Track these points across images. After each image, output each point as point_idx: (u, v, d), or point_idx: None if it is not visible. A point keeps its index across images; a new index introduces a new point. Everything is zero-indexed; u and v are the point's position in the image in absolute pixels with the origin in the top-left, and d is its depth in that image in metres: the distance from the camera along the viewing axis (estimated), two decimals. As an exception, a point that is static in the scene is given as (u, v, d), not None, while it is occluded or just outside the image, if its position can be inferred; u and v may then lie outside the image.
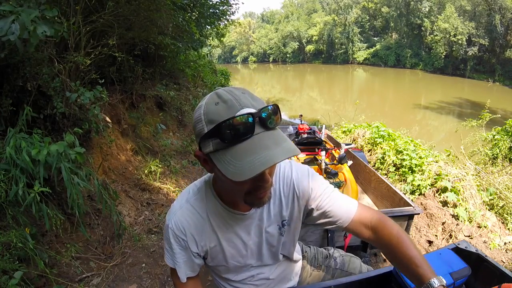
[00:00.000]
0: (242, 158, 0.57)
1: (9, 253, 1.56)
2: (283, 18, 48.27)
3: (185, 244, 0.81)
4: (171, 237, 0.80)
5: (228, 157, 0.58)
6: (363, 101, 15.85)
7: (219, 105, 0.60)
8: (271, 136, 0.60)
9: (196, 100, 5.76)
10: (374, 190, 2.69)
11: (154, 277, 2.20)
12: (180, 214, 0.79)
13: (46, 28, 1.45)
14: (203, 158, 0.67)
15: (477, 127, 4.99)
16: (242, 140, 0.58)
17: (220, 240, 0.82)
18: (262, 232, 0.85)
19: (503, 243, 2.62)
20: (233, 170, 0.57)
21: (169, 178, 3.63)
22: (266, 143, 0.58)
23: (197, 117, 0.63)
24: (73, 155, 1.81)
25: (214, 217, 0.80)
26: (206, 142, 0.62)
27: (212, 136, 0.59)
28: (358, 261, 1.17)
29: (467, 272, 0.97)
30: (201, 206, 0.80)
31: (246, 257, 0.88)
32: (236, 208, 0.80)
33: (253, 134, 0.58)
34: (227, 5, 6.06)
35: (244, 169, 0.56)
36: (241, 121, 0.57)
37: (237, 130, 0.57)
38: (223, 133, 0.57)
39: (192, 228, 0.79)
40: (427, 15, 29.50)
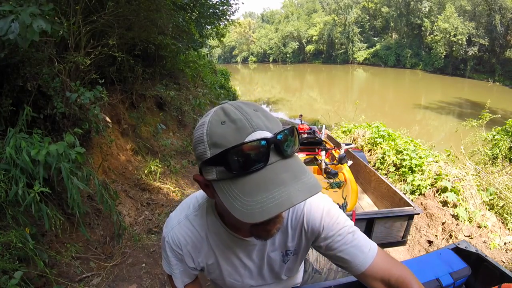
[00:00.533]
0: (252, 195, 0.47)
1: (9, 253, 1.56)
2: (283, 18, 48.26)
3: (181, 257, 0.77)
4: (168, 250, 0.77)
5: (235, 190, 0.48)
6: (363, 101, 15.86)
7: (225, 125, 0.49)
8: (289, 167, 0.49)
9: (196, 100, 5.76)
10: (374, 190, 2.69)
11: (154, 277, 2.20)
12: (177, 230, 0.74)
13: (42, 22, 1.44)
14: (204, 184, 0.57)
15: (477, 127, 4.98)
16: (253, 171, 0.47)
17: (218, 259, 0.77)
18: (264, 256, 0.78)
19: (503, 243, 2.62)
20: (241, 208, 0.47)
21: (169, 178, 3.63)
22: (283, 177, 0.48)
23: (199, 137, 0.53)
24: (73, 155, 1.81)
25: (213, 236, 0.74)
26: (208, 168, 0.52)
27: (216, 163, 0.49)
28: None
29: (467, 272, 0.97)
30: (200, 224, 0.74)
31: (244, 276, 0.82)
32: (238, 233, 0.72)
33: (266, 164, 0.48)
34: (227, 5, 6.06)
35: (254, 210, 0.46)
36: (253, 147, 0.46)
37: (248, 159, 0.46)
38: (230, 161, 0.47)
39: (189, 246, 0.75)
40: (427, 15, 29.50)
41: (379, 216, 1.99)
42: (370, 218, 1.99)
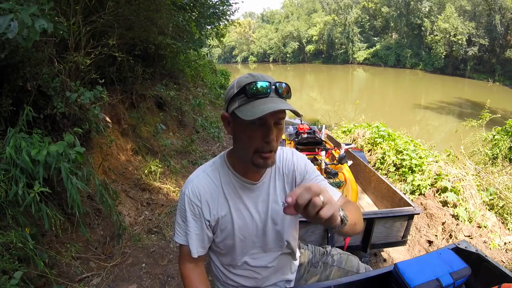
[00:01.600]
0: (258, 106, 0.74)
1: (9, 253, 1.56)
2: (283, 18, 48.28)
3: (199, 211, 0.88)
4: (186, 204, 0.88)
5: (248, 107, 0.76)
6: (363, 101, 15.87)
7: (248, 78, 0.80)
8: (279, 99, 0.77)
9: (196, 100, 5.76)
10: (374, 190, 2.69)
11: (154, 277, 2.20)
12: (196, 181, 0.89)
13: (44, 21, 1.44)
14: (228, 120, 0.84)
15: (477, 127, 4.99)
16: (260, 97, 0.76)
17: (230, 209, 0.90)
18: (268, 208, 0.93)
19: (503, 243, 2.62)
20: (250, 114, 0.73)
21: (169, 178, 3.63)
22: (276, 101, 0.76)
23: (231, 86, 0.82)
24: (73, 155, 1.81)
25: (226, 186, 0.90)
26: (233, 101, 0.79)
27: (239, 94, 0.78)
28: (356, 259, 1.18)
29: (467, 272, 0.97)
30: (215, 176, 0.90)
31: (251, 232, 0.93)
32: (247, 177, 0.90)
33: (268, 95, 0.76)
34: (227, 5, 6.06)
35: (258, 111, 0.73)
36: (262, 84, 0.76)
37: (258, 90, 0.76)
38: (248, 91, 0.76)
39: (207, 195, 0.88)
40: (427, 15, 29.50)
41: (379, 216, 1.99)
42: (370, 218, 1.99)
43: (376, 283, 1.01)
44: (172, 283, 2.18)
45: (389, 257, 2.57)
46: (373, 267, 2.40)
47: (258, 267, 0.99)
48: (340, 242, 1.97)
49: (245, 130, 0.79)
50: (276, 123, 0.79)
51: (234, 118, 0.80)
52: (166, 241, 2.61)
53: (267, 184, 0.94)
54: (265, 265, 0.99)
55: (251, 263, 0.97)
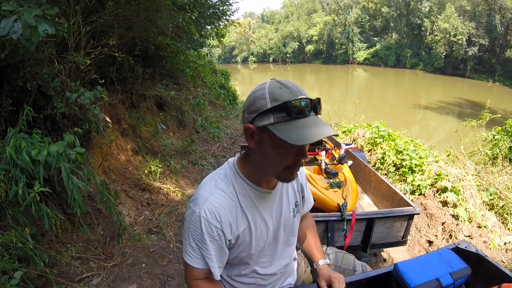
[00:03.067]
0: (303, 129, 0.71)
1: (9, 253, 1.56)
2: (283, 18, 48.27)
3: (218, 233, 0.81)
4: (203, 226, 0.79)
5: (291, 127, 0.71)
6: (363, 101, 15.86)
7: (282, 89, 0.73)
8: (318, 119, 0.76)
9: (196, 100, 5.76)
10: (374, 190, 2.68)
11: (154, 277, 2.20)
12: (213, 200, 0.80)
13: (47, 26, 1.44)
14: (252, 132, 0.77)
15: (477, 127, 4.98)
16: (302, 117, 0.72)
17: (249, 223, 0.86)
18: (281, 215, 0.93)
19: (503, 243, 2.62)
20: (295, 137, 0.69)
21: (169, 178, 3.63)
22: (318, 123, 0.73)
23: (260, 95, 0.74)
24: (73, 155, 1.81)
25: (242, 198, 0.85)
26: (266, 115, 0.73)
27: (277, 111, 0.72)
28: (352, 257, 1.19)
29: (467, 272, 0.97)
30: (230, 190, 0.84)
31: (266, 242, 0.92)
32: (262, 186, 0.87)
33: (309, 114, 0.73)
34: (227, 5, 6.06)
35: (305, 137, 0.69)
36: (303, 103, 0.72)
37: (301, 108, 0.71)
38: (290, 109, 0.71)
39: (227, 213, 0.82)
40: (427, 15, 29.50)
41: (379, 216, 1.99)
42: (370, 218, 1.99)
43: (376, 283, 1.01)
44: (172, 283, 2.18)
45: (389, 257, 2.57)
46: (373, 267, 2.40)
47: (267, 274, 0.98)
48: (340, 242, 1.97)
49: (279, 148, 0.74)
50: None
51: (264, 132, 0.74)
52: (166, 241, 2.61)
53: (280, 192, 0.93)
54: (274, 272, 0.99)
55: (260, 271, 0.97)
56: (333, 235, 1.95)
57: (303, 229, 1.12)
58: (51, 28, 1.46)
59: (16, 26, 1.36)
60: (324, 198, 2.17)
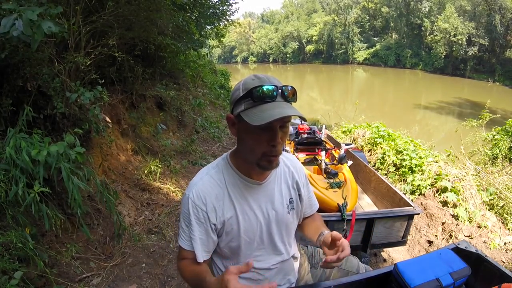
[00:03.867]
0: (265, 111, 0.75)
1: (9, 253, 1.56)
2: (283, 18, 48.26)
3: (203, 215, 0.86)
4: (191, 208, 0.86)
5: (255, 111, 0.76)
6: (363, 101, 15.86)
7: (254, 80, 0.79)
8: (286, 103, 0.79)
9: (196, 100, 5.76)
10: (374, 190, 2.69)
11: (154, 277, 2.20)
12: (201, 184, 0.87)
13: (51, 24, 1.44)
14: (232, 121, 0.84)
15: (477, 127, 4.98)
16: (267, 102, 0.77)
17: (236, 211, 0.89)
18: (274, 209, 0.95)
19: (503, 243, 2.62)
20: (256, 118, 0.74)
21: (169, 178, 3.63)
22: (283, 106, 0.77)
23: (236, 88, 0.82)
24: (73, 155, 1.81)
25: (231, 187, 0.89)
26: (239, 104, 0.80)
27: (245, 97, 0.78)
28: (355, 260, 1.19)
29: (467, 272, 0.97)
30: (220, 178, 0.90)
31: (256, 233, 0.93)
32: (252, 177, 0.90)
33: (275, 100, 0.77)
34: (227, 5, 6.06)
35: (265, 116, 0.73)
36: (268, 88, 0.77)
37: (264, 94, 0.76)
38: (254, 94, 0.76)
39: (213, 197, 0.87)
40: (427, 15, 29.50)
41: (379, 216, 1.99)
42: (370, 218, 1.99)
43: (376, 283, 1.01)
44: (172, 283, 2.18)
45: (389, 257, 2.57)
46: (373, 267, 2.40)
47: (262, 269, 0.98)
48: (340, 242, 1.97)
49: (251, 133, 0.79)
50: (282, 127, 0.80)
51: (240, 120, 0.80)
52: (166, 241, 2.61)
53: (272, 186, 0.95)
54: (269, 267, 0.99)
55: (255, 265, 0.97)
56: (333, 235, 1.95)
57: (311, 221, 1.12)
58: (55, 27, 1.46)
59: (17, 24, 1.36)
60: (324, 198, 2.17)
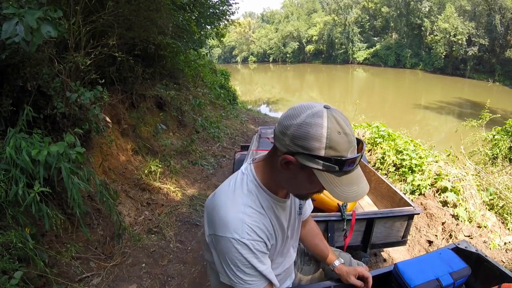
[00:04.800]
0: (348, 186, 0.72)
1: (9, 253, 1.56)
2: (283, 18, 48.23)
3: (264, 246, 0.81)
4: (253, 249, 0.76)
5: (337, 182, 0.71)
6: (363, 101, 15.87)
7: (341, 136, 0.69)
8: (360, 172, 0.77)
9: (196, 100, 5.76)
10: (374, 190, 2.68)
11: (154, 277, 2.20)
12: (250, 221, 0.77)
13: (50, 28, 1.45)
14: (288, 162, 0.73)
15: (477, 127, 4.98)
16: (349, 172, 0.72)
17: (276, 234, 0.87)
18: (291, 217, 0.96)
19: (503, 243, 2.62)
20: (341, 193, 0.71)
21: (169, 178, 3.63)
22: (360, 179, 0.75)
23: (316, 135, 0.68)
24: (73, 155, 1.81)
25: (269, 212, 0.84)
26: (314, 159, 0.69)
27: (329, 161, 0.68)
28: (347, 256, 1.21)
29: (467, 272, 0.97)
30: (258, 206, 0.82)
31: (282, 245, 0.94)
32: (279, 195, 0.87)
33: (355, 166, 0.73)
34: (227, 5, 6.06)
35: (351, 196, 0.72)
36: (354, 159, 0.70)
37: (350, 165, 0.71)
38: (343, 165, 0.69)
39: (264, 229, 0.80)
40: (427, 15, 29.47)
41: (379, 216, 1.99)
42: (370, 218, 1.99)
43: (376, 283, 1.01)
44: (172, 283, 2.18)
45: (389, 257, 2.57)
46: (373, 267, 2.40)
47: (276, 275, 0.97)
48: (340, 242, 1.97)
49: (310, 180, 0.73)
50: None
51: (304, 169, 0.71)
52: (166, 241, 2.61)
53: (292, 198, 0.96)
54: (279, 273, 1.00)
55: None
56: (333, 235, 1.95)
57: (310, 232, 1.15)
58: (54, 31, 1.46)
59: (18, 29, 1.36)
60: (324, 198, 2.17)
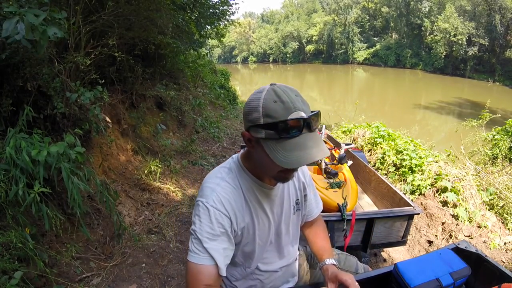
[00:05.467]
0: (291, 151, 0.70)
1: (9, 253, 1.56)
2: (283, 18, 48.27)
3: (228, 222, 0.81)
4: (213, 215, 0.78)
5: (279, 147, 0.71)
6: (363, 101, 15.88)
7: (277, 104, 0.70)
8: (313, 137, 0.73)
9: (196, 100, 5.76)
10: (374, 190, 2.68)
11: (154, 277, 2.20)
12: (220, 190, 0.83)
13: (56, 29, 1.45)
14: (248, 138, 0.79)
15: (477, 127, 4.98)
16: (292, 137, 0.71)
17: (253, 216, 0.88)
18: (282, 211, 0.95)
19: (503, 243, 2.62)
20: (282, 159, 0.70)
21: (169, 178, 3.63)
22: (309, 144, 0.72)
23: (254, 107, 0.73)
24: (73, 155, 1.81)
25: (247, 192, 0.87)
26: (258, 129, 0.73)
27: (267, 128, 0.71)
28: (354, 259, 1.19)
29: (467, 272, 0.97)
30: (236, 183, 0.87)
31: (268, 236, 0.94)
32: (264, 181, 0.89)
33: (301, 133, 0.71)
34: (227, 5, 6.06)
35: (292, 161, 0.70)
36: (294, 122, 0.69)
37: (291, 129, 0.70)
38: (279, 129, 0.70)
39: (233, 203, 0.84)
40: (427, 15, 29.48)
41: (379, 216, 1.99)
42: (370, 218, 1.99)
43: (376, 283, 1.01)
44: (172, 283, 2.18)
45: (389, 257, 2.57)
46: (373, 267, 2.40)
47: (268, 271, 0.98)
48: (340, 242, 1.97)
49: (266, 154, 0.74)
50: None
51: (258, 142, 0.75)
52: (166, 241, 2.61)
53: (282, 188, 0.95)
54: (275, 269, 0.99)
55: (262, 267, 0.97)
56: (333, 235, 1.95)
57: (314, 230, 1.12)
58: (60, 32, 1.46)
59: (19, 27, 1.36)
60: (324, 198, 2.17)
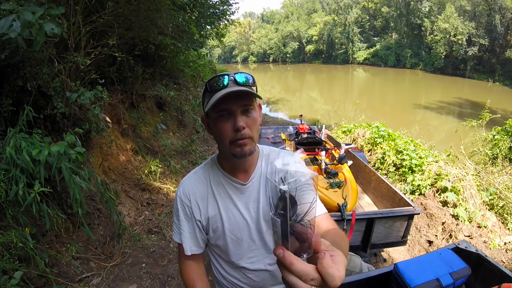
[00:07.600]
0: (216, 96, 0.77)
1: (9, 253, 1.56)
2: (283, 18, 48.25)
3: (189, 211, 0.91)
4: (179, 204, 0.92)
5: (210, 100, 0.78)
6: (363, 101, 15.87)
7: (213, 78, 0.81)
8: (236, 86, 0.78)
9: (196, 100, 5.76)
10: (374, 190, 2.69)
11: (154, 277, 2.20)
12: (187, 182, 0.93)
13: (53, 25, 1.44)
14: (203, 120, 0.88)
15: (477, 127, 4.98)
16: (219, 90, 0.78)
17: (220, 209, 0.90)
18: (259, 208, 0.92)
19: (503, 243, 2.62)
20: (208, 105, 0.78)
21: (169, 178, 3.63)
22: (231, 88, 0.77)
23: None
24: (73, 155, 1.81)
25: (215, 185, 0.92)
26: (204, 102, 0.83)
27: (205, 92, 0.82)
28: (358, 259, 1.19)
29: (467, 272, 0.97)
30: (205, 176, 0.93)
31: (245, 233, 0.92)
32: (236, 177, 0.90)
33: (227, 86, 0.78)
34: (227, 5, 6.06)
35: (214, 99, 0.76)
36: (219, 77, 0.79)
37: (216, 82, 0.79)
38: (208, 86, 0.80)
39: (197, 194, 0.91)
40: (427, 15, 29.47)
41: (379, 216, 1.99)
42: (370, 218, 1.99)
43: (376, 283, 1.01)
44: (172, 283, 2.18)
45: (389, 257, 2.57)
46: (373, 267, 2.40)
47: (257, 270, 0.97)
48: (340, 242, 1.97)
49: (217, 125, 0.81)
50: (244, 111, 0.80)
51: (207, 117, 0.84)
52: (166, 241, 2.61)
53: (257, 186, 0.92)
54: (264, 268, 0.98)
55: (250, 267, 0.96)
56: (333, 235, 1.95)
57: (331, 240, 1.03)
58: (57, 28, 1.46)
59: (15, 25, 1.36)
60: (324, 198, 2.17)
